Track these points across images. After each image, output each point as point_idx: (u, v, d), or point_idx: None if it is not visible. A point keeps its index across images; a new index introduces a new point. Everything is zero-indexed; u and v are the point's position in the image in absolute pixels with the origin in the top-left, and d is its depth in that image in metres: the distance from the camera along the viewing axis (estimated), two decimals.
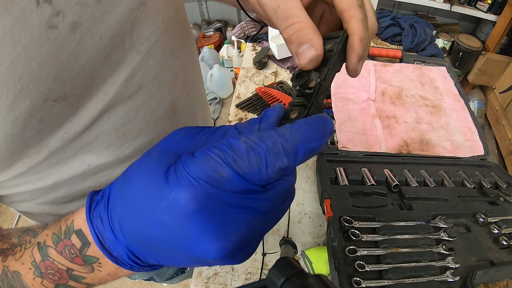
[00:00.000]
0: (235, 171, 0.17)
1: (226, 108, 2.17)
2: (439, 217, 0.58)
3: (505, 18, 1.72)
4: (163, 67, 0.35)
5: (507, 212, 0.62)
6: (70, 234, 0.23)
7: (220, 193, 0.17)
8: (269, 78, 1.05)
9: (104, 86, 0.29)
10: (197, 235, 0.18)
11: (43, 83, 0.24)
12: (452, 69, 1.00)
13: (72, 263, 0.24)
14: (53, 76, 0.24)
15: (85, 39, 0.25)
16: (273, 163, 0.18)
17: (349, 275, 0.49)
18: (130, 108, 0.32)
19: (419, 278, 0.49)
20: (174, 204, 0.17)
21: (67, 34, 0.24)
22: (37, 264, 0.25)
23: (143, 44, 0.31)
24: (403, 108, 0.86)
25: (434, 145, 0.78)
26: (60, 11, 0.23)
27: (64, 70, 0.25)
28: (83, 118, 0.28)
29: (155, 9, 0.31)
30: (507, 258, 0.55)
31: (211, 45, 2.31)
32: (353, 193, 0.62)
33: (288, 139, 0.18)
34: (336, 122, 0.80)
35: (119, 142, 0.33)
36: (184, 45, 0.39)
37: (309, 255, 0.59)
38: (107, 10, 0.26)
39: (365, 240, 0.53)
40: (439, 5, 1.87)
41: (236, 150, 0.18)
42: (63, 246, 0.23)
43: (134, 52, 0.31)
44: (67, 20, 0.24)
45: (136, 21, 0.29)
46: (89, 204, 0.22)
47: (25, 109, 0.24)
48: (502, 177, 0.71)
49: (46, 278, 0.25)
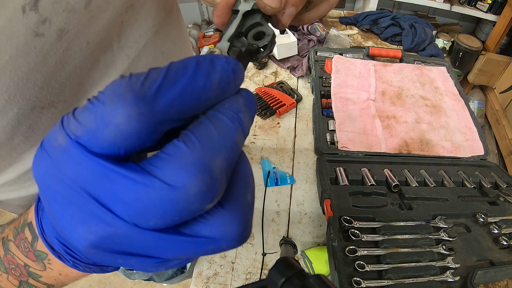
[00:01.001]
0: (69, 136, 0.13)
1: None
2: (439, 217, 0.58)
3: (505, 18, 1.72)
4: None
5: (507, 212, 0.62)
6: (24, 227, 0.23)
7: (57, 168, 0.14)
8: (269, 78, 1.05)
9: (93, 91, 0.29)
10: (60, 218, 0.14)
11: (30, 92, 0.24)
12: (452, 69, 1.00)
13: (27, 258, 0.23)
14: (40, 84, 0.24)
15: (72, 46, 0.25)
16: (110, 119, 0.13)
17: (349, 275, 0.49)
18: None
19: (419, 278, 0.49)
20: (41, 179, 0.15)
21: (54, 41, 0.24)
22: (1, 259, 0.24)
23: (132, 47, 0.31)
24: (403, 108, 0.86)
25: (434, 145, 0.78)
26: (47, 19, 0.23)
27: (51, 77, 0.25)
28: None
29: (143, 12, 0.31)
30: (507, 258, 0.55)
31: (211, 45, 2.31)
32: (353, 193, 0.62)
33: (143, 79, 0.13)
34: (336, 122, 0.80)
35: None
36: (177, 46, 0.38)
37: (309, 255, 0.59)
38: (95, 15, 0.26)
39: (365, 240, 0.53)
40: (439, 5, 1.87)
41: (77, 109, 0.14)
42: (20, 240, 0.23)
43: (123, 55, 0.30)
44: (54, 27, 0.23)
45: (124, 25, 0.29)
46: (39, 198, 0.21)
47: (13, 117, 0.23)
48: (502, 177, 0.71)
49: (10, 273, 0.24)
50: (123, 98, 0.13)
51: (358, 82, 0.91)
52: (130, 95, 0.13)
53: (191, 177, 0.13)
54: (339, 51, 0.99)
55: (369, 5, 1.94)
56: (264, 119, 0.90)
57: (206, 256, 0.62)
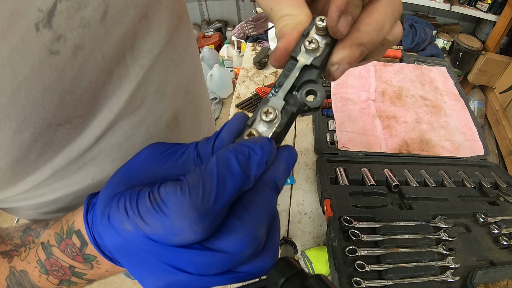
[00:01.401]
0: (138, 230, 0.18)
1: (226, 108, 2.17)
2: (439, 217, 0.58)
3: (505, 18, 1.72)
4: (165, 79, 0.34)
5: (507, 212, 0.62)
6: (71, 234, 0.25)
7: (130, 244, 0.19)
8: (269, 78, 1.05)
9: (107, 104, 0.28)
10: (126, 264, 0.20)
11: (46, 111, 0.23)
12: (452, 69, 1.00)
13: (73, 260, 0.25)
14: (56, 103, 0.23)
15: (87, 61, 0.24)
16: (178, 233, 0.17)
17: (349, 275, 0.49)
18: (132, 123, 0.31)
19: (419, 278, 0.49)
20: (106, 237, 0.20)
21: (70, 58, 0.23)
22: (42, 263, 0.27)
23: (146, 57, 0.30)
24: (403, 108, 0.86)
25: (434, 145, 0.78)
26: (61, 35, 0.22)
27: (67, 95, 0.24)
28: (87, 138, 0.28)
29: (157, 21, 0.30)
30: (507, 258, 0.55)
31: (211, 45, 2.32)
32: (353, 193, 0.62)
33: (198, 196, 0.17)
34: (336, 122, 0.80)
35: (122, 156, 0.32)
36: (186, 53, 0.37)
37: (309, 255, 0.59)
38: (110, 28, 0.25)
39: (365, 240, 0.53)
40: (439, 5, 1.87)
41: (141, 208, 0.18)
42: (65, 245, 0.25)
43: (137, 66, 0.29)
44: (69, 44, 0.22)
45: (137, 35, 0.28)
46: (87, 206, 0.24)
47: (29, 136, 0.23)
48: (502, 177, 0.71)
49: (51, 274, 0.27)
50: (189, 218, 0.17)
51: (358, 82, 0.91)
52: (194, 215, 0.17)
53: (244, 246, 0.18)
54: None
55: None
56: None
57: None
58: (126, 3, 0.25)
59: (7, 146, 0.23)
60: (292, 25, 0.21)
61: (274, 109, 0.21)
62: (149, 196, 0.18)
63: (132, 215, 0.18)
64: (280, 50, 0.21)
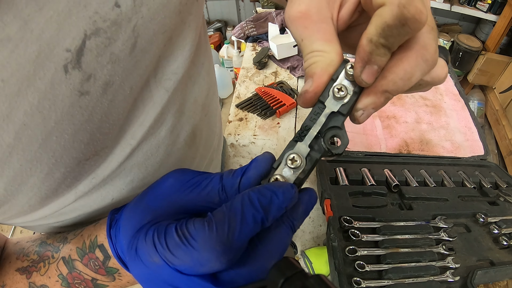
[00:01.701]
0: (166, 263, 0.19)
1: (226, 108, 2.17)
2: (439, 217, 0.58)
3: (505, 18, 1.72)
4: (184, 97, 0.32)
5: (507, 212, 0.62)
6: (94, 249, 0.26)
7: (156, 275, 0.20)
8: (269, 78, 1.05)
9: (131, 130, 0.27)
10: None
11: (76, 151, 0.23)
12: (452, 69, 1.00)
13: (96, 273, 0.27)
14: (86, 141, 0.23)
15: (116, 96, 0.23)
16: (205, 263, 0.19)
17: (349, 275, 0.49)
18: (152, 144, 0.31)
19: (419, 278, 0.49)
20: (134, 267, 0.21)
21: (99, 97, 0.22)
22: (64, 276, 0.27)
23: (171, 80, 0.29)
24: (403, 108, 0.86)
25: (434, 145, 0.78)
26: (92, 75, 0.21)
27: (96, 131, 0.23)
28: (110, 164, 0.27)
29: (180, 42, 0.28)
30: (507, 258, 0.55)
31: (211, 45, 2.32)
32: (353, 193, 0.62)
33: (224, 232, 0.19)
34: None
35: (141, 175, 0.32)
36: (203, 67, 0.36)
37: (309, 255, 0.59)
38: (139, 60, 0.24)
39: (365, 240, 0.53)
40: (439, 5, 1.87)
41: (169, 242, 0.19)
42: (88, 259, 0.26)
43: (161, 90, 0.28)
44: (99, 82, 0.21)
45: (161, 59, 0.27)
46: (110, 222, 0.25)
47: (59, 176, 0.23)
48: (502, 177, 0.71)
49: (73, 287, 0.28)
50: (216, 250, 0.18)
51: None
52: (220, 248, 0.18)
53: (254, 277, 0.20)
54: None
55: None
56: (264, 119, 0.90)
57: None
58: (155, 30, 0.24)
59: (38, 188, 0.22)
60: (322, 66, 0.21)
61: (299, 156, 0.22)
62: (177, 231, 0.20)
63: (160, 249, 0.19)
64: (310, 95, 0.21)
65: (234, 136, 0.86)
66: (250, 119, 0.91)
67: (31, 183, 0.21)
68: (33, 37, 0.17)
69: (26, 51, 0.17)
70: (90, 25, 0.19)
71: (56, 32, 0.18)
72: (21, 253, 0.30)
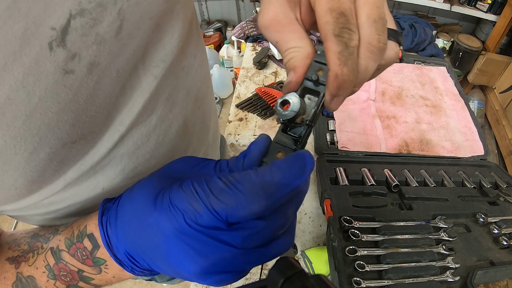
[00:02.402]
0: (207, 208, 0.20)
1: (226, 108, 2.17)
2: (439, 217, 0.58)
3: (505, 18, 1.72)
4: (176, 87, 0.33)
5: (507, 212, 0.62)
6: (83, 238, 0.26)
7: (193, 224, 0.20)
8: (269, 78, 1.05)
9: (119, 116, 0.28)
10: (173, 253, 0.20)
11: (61, 131, 0.23)
12: (452, 69, 1.00)
13: (83, 264, 0.26)
14: (71, 122, 0.23)
15: (102, 78, 0.24)
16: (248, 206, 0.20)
17: (349, 275, 0.49)
18: (143, 133, 0.31)
19: (419, 278, 0.49)
20: (157, 224, 0.21)
21: (84, 77, 0.22)
22: (50, 268, 0.27)
23: (159, 67, 0.29)
24: (403, 108, 0.86)
25: (434, 145, 0.78)
26: (76, 54, 0.21)
27: (82, 113, 0.24)
28: (99, 150, 0.28)
29: (169, 29, 0.29)
30: (507, 258, 0.55)
31: (211, 45, 2.31)
32: (353, 193, 0.62)
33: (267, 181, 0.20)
34: (336, 122, 0.80)
35: (132, 165, 0.32)
36: (196, 59, 0.36)
37: (309, 255, 0.59)
38: (125, 43, 0.24)
39: (365, 240, 0.53)
40: (439, 5, 1.87)
41: (214, 188, 0.20)
42: (76, 249, 0.26)
43: (150, 77, 0.29)
44: (84, 62, 0.22)
45: (149, 45, 0.27)
46: (102, 210, 0.25)
47: (44, 156, 0.23)
48: (502, 177, 0.71)
49: (58, 279, 0.27)
50: (259, 195, 0.20)
51: None
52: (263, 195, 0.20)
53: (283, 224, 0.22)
54: None
55: None
56: (264, 119, 0.90)
57: None
58: (141, 15, 0.25)
59: (22, 168, 0.22)
60: (301, 58, 0.23)
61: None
62: (221, 179, 0.20)
63: (202, 195, 0.20)
64: (293, 84, 0.23)
65: (234, 136, 0.86)
66: (250, 119, 0.91)
67: (15, 162, 0.22)
68: (20, 15, 0.18)
69: (13, 28, 0.18)
70: (76, 5, 0.20)
71: (43, 11, 0.19)
72: (13, 243, 0.30)
